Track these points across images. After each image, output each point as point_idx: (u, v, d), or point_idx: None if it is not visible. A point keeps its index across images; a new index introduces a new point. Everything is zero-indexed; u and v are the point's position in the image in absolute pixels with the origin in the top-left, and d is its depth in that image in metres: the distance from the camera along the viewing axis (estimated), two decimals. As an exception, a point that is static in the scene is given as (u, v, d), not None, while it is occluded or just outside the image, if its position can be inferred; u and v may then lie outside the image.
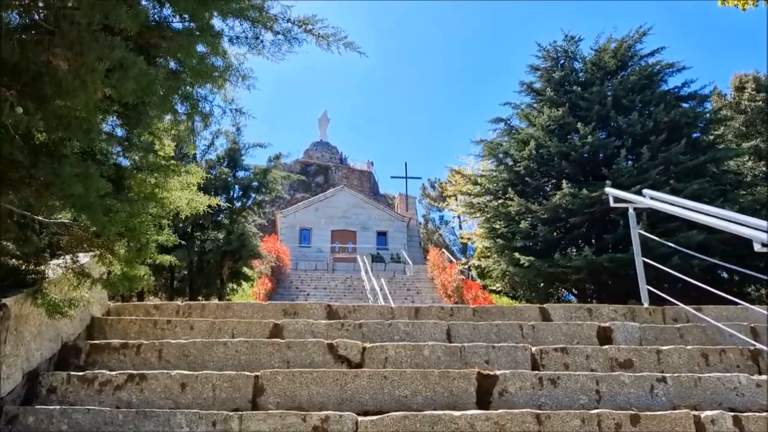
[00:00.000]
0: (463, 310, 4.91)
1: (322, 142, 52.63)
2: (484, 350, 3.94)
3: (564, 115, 20.83)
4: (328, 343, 3.96)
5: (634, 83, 21.00)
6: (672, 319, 5.00)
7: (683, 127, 20.75)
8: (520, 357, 3.93)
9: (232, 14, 3.87)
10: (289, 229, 34.40)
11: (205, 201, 4.35)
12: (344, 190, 36.91)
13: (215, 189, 16.59)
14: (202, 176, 4.05)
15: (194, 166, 3.97)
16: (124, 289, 3.54)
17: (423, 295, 23.22)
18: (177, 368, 3.73)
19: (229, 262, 16.02)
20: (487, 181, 22.91)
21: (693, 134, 20.70)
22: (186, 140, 4.11)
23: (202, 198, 4.25)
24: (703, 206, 4.56)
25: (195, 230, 15.90)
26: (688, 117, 20.72)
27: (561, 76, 22.38)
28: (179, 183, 3.72)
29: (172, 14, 4.04)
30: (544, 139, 20.74)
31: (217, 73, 4.02)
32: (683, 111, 20.71)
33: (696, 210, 4.64)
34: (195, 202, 4.06)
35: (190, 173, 3.79)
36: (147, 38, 3.32)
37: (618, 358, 3.93)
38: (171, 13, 4.05)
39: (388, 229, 35.36)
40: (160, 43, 3.37)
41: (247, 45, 3.76)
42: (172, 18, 4.04)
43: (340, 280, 25.09)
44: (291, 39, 3.69)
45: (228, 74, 4.14)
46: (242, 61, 4.29)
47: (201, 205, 4.28)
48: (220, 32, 3.64)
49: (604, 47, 22.63)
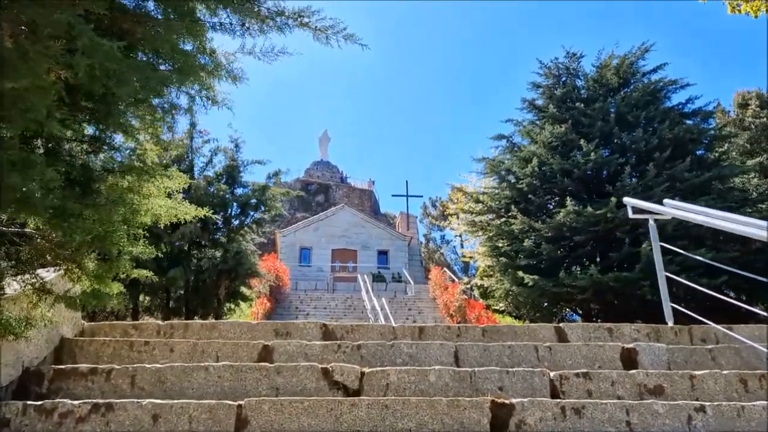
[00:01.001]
0: (472, 330, 4.48)
1: (322, 162, 52.43)
2: (497, 375, 3.52)
3: (567, 132, 20.54)
4: (322, 368, 3.54)
5: (638, 99, 20.74)
6: (700, 340, 4.57)
7: (688, 144, 20.46)
8: (538, 383, 3.51)
9: (218, 2, 3.51)
10: (288, 248, 33.96)
11: (191, 211, 3.93)
12: (345, 209, 36.54)
13: (213, 206, 16.24)
14: (185, 181, 3.66)
15: (176, 170, 3.57)
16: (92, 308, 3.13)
17: (425, 314, 22.73)
18: (151, 396, 3.31)
19: (226, 281, 15.60)
20: (489, 199, 22.56)
21: (697, 151, 20.41)
22: (168, 143, 3.72)
23: (185, 207, 3.84)
24: (728, 214, 4.20)
25: (192, 248, 15.51)
26: (693, 133, 20.43)
27: (563, 93, 22.15)
28: (157, 188, 3.33)
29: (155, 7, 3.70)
30: (546, 156, 20.43)
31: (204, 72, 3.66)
32: (688, 127, 20.43)
33: (721, 218, 4.24)
34: (176, 210, 3.65)
35: (170, 178, 3.40)
36: (120, 23, 2.95)
37: (647, 383, 3.51)
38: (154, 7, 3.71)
39: (389, 248, 34.92)
40: (135, 29, 3.00)
41: (232, 33, 3.39)
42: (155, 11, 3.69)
43: (341, 299, 24.62)
44: (282, 25, 3.33)
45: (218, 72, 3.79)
46: (232, 60, 3.94)
47: (185, 214, 3.87)
48: (202, 21, 3.27)
49: (606, 63, 22.42)
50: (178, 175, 3.51)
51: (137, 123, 3.09)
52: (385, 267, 33.93)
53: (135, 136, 3.10)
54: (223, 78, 3.77)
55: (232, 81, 3.77)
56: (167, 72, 3.44)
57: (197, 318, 16.62)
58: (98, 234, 2.82)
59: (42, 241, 3.08)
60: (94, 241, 2.96)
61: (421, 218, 48.92)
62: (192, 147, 16.92)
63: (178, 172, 3.62)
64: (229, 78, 3.72)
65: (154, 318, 17.12)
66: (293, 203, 38.33)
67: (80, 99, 2.85)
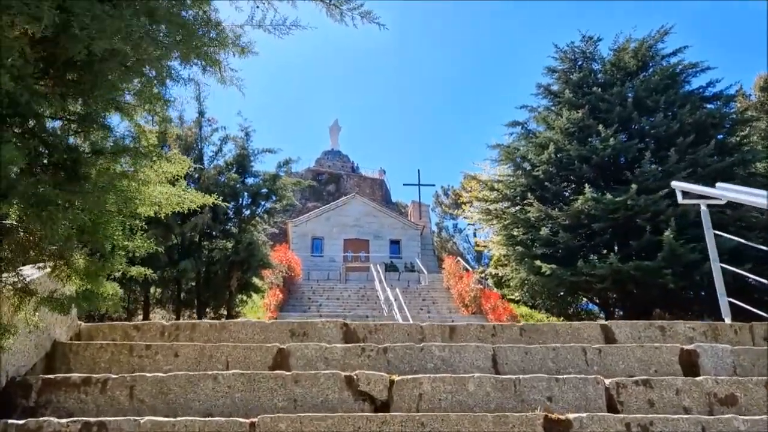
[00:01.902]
0: (508, 330, 4.03)
1: (333, 151, 51.96)
2: (544, 384, 3.09)
3: (584, 118, 19.98)
4: (345, 376, 3.12)
5: (657, 84, 20.11)
6: (763, 339, 4.11)
7: (709, 129, 19.84)
8: (592, 393, 3.07)
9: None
10: (300, 238, 33.60)
11: (197, 198, 3.51)
12: (356, 199, 36.09)
13: (223, 196, 15.84)
14: (188, 165, 3.23)
15: (177, 153, 3.15)
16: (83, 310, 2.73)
17: (439, 305, 22.33)
18: (153, 410, 2.91)
19: (238, 273, 15.23)
20: (504, 187, 22.05)
21: (718, 136, 19.77)
22: (166, 121, 3.27)
23: (191, 194, 3.42)
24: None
25: (202, 239, 15.16)
26: (714, 118, 19.82)
27: (579, 78, 21.54)
28: (156, 173, 2.92)
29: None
30: (563, 142, 19.89)
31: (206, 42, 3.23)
32: (709, 112, 19.81)
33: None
34: (179, 198, 3.23)
35: (170, 161, 2.98)
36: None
37: (717, 392, 3.06)
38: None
39: (402, 238, 34.47)
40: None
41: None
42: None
43: (354, 290, 24.26)
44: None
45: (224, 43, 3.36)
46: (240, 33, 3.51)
47: (190, 203, 3.45)
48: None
49: (624, 47, 21.76)
50: (180, 159, 3.10)
51: (132, 99, 2.67)
52: (397, 257, 33.51)
53: (129, 113, 2.68)
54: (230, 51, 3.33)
55: (240, 54, 3.33)
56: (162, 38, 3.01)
57: (209, 310, 16.30)
58: (86, 226, 2.42)
59: (24, 234, 2.67)
60: (82, 233, 2.55)
61: (433, 207, 48.43)
62: (201, 136, 16.52)
63: (180, 155, 3.18)
64: (237, 50, 3.28)
65: (166, 310, 16.81)
66: (304, 193, 37.93)
67: (62, 70, 2.43)
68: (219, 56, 3.33)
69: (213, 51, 3.17)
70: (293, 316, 19.02)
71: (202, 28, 3.34)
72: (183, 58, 3.13)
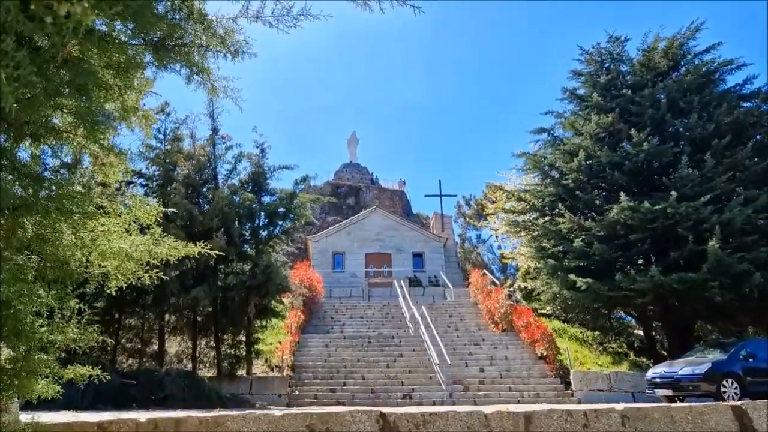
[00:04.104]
0: (605, 417, 3.10)
1: (351, 164, 51.37)
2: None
3: (614, 122, 19.03)
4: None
5: (691, 83, 19.09)
6: None
7: (747, 128, 18.80)
8: None
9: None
10: (321, 254, 32.87)
11: (175, 250, 2.71)
12: (377, 212, 35.29)
13: (239, 217, 15.20)
14: (158, 212, 2.45)
15: (140, 197, 2.37)
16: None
17: (467, 321, 21.40)
18: None
19: (256, 298, 14.51)
20: (532, 197, 21.14)
21: (756, 136, 18.67)
22: (117, 152, 2.48)
23: (166, 245, 2.62)
24: None
25: (218, 263, 14.48)
26: (753, 117, 18.78)
27: (607, 80, 20.60)
28: (99, 229, 2.12)
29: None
30: (593, 148, 18.95)
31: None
32: (747, 111, 18.78)
33: None
34: (141, 254, 2.43)
35: (116, 212, 2.18)
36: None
37: None
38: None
39: (425, 251, 33.55)
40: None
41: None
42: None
43: (377, 307, 23.42)
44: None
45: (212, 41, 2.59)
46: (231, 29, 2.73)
47: (166, 255, 2.65)
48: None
49: (653, 47, 20.78)
50: (143, 202, 2.30)
51: (59, 122, 1.91)
52: (420, 270, 32.62)
53: (56, 142, 1.91)
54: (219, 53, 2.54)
55: (232, 56, 2.54)
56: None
57: (227, 336, 15.56)
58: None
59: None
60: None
61: (456, 218, 47.46)
62: (214, 154, 15.90)
63: (145, 199, 2.39)
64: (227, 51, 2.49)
65: (182, 338, 16.12)
66: (324, 207, 37.22)
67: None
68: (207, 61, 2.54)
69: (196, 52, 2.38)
70: (315, 338, 18.25)
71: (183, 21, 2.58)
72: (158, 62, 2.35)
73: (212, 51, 2.62)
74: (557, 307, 20.81)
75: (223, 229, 14.10)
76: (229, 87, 2.91)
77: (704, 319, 19.47)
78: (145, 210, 2.36)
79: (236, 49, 2.65)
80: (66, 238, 1.96)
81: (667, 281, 15.38)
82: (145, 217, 2.40)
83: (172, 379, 12.08)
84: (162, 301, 12.97)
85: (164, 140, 15.10)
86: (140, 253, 2.38)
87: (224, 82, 2.85)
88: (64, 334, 2.09)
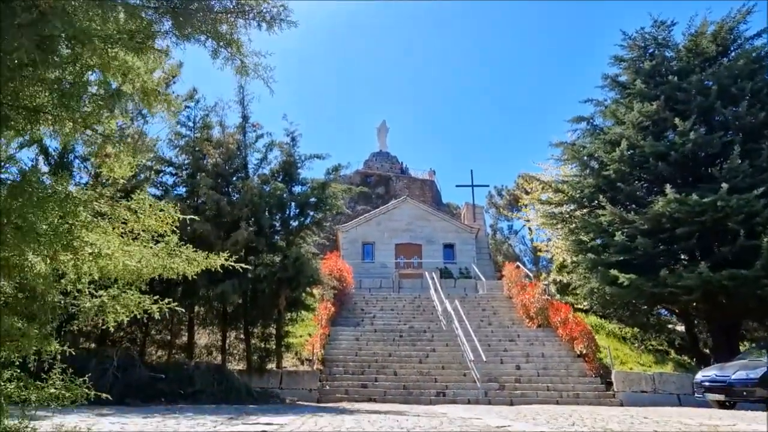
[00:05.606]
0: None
1: (381, 153, 50.87)
2: None
3: (658, 110, 18.15)
4: None
5: (742, 69, 18.08)
6: None
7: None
8: None
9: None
10: (350, 244, 32.47)
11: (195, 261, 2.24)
12: (407, 202, 34.72)
13: (269, 207, 14.80)
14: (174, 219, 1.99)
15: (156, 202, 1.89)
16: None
17: (500, 315, 20.80)
18: None
19: (287, 291, 14.10)
20: (570, 188, 20.38)
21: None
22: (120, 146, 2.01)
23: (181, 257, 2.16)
24: None
25: (248, 254, 14.10)
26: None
27: (652, 66, 19.66)
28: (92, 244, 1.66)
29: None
30: (636, 138, 18.12)
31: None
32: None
33: None
34: (159, 267, 1.97)
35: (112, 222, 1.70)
36: None
37: None
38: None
39: (455, 242, 32.88)
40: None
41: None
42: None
43: (408, 299, 22.93)
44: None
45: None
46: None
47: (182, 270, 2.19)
48: None
49: (701, 31, 19.76)
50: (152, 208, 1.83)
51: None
52: (451, 262, 32.01)
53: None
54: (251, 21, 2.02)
55: (267, 26, 2.02)
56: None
57: (256, 329, 15.20)
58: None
59: None
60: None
61: (487, 208, 46.69)
62: (245, 142, 15.48)
63: (154, 201, 1.91)
64: (261, 19, 1.97)
65: (211, 328, 15.80)
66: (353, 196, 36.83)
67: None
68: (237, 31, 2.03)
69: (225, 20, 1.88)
70: (346, 331, 17.85)
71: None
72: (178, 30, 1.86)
73: (244, 18, 2.11)
74: (595, 303, 20.08)
75: (253, 219, 13.72)
76: (261, 65, 2.39)
77: (754, 317, 18.58)
78: (158, 216, 1.89)
79: (272, 17, 2.13)
80: (37, 265, 1.51)
81: (717, 278, 14.62)
82: (158, 225, 1.95)
83: (202, 374, 11.76)
84: (191, 294, 12.66)
85: (194, 128, 14.75)
86: (151, 269, 1.93)
87: (255, 58, 2.32)
88: (39, 390, 1.64)
